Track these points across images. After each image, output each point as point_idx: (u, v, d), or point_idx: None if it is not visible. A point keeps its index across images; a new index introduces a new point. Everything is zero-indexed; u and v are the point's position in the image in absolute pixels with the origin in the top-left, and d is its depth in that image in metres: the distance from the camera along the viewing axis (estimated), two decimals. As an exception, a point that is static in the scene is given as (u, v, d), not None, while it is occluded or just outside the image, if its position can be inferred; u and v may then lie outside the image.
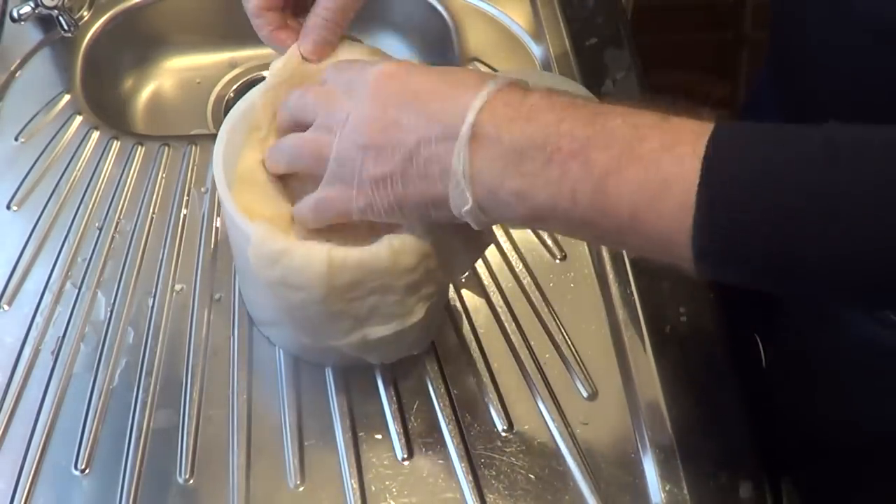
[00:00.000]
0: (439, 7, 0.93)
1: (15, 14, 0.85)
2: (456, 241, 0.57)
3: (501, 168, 0.47)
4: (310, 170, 0.56)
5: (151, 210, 0.76)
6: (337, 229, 0.58)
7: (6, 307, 0.70)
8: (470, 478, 0.61)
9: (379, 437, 0.63)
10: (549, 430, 0.64)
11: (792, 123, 0.43)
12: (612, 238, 0.48)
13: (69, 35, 0.89)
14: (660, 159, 0.43)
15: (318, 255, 0.53)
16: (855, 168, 0.40)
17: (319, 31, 0.60)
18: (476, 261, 0.68)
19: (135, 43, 0.97)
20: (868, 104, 0.56)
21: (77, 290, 0.71)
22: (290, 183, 0.61)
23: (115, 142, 0.81)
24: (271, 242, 0.54)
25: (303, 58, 0.61)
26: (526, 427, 0.64)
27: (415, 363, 0.66)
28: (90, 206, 0.76)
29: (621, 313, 0.69)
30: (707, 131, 0.43)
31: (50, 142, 0.81)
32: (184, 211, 0.76)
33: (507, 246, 0.73)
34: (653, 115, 0.45)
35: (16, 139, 0.81)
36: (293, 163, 0.58)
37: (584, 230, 0.48)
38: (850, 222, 0.40)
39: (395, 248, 0.53)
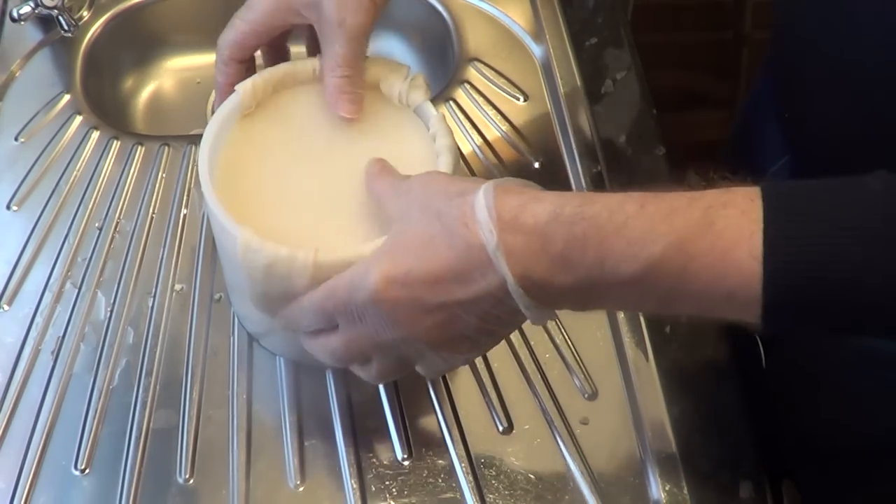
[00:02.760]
0: (439, 7, 0.93)
1: (15, 14, 0.85)
2: None
3: (563, 296, 0.47)
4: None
5: (151, 210, 0.76)
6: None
7: (6, 307, 0.70)
8: (470, 478, 0.61)
9: (379, 437, 0.63)
10: (549, 430, 0.64)
11: (844, 184, 0.43)
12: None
13: (69, 35, 0.89)
14: (717, 278, 0.43)
15: (304, 251, 0.54)
16: None
17: (349, 90, 0.60)
18: None
19: (135, 43, 0.97)
20: (866, 116, 0.56)
21: (77, 290, 0.71)
22: (276, 183, 0.61)
23: (115, 142, 0.81)
24: (258, 242, 0.54)
25: (344, 117, 0.61)
26: (526, 427, 0.64)
27: (415, 363, 0.66)
28: (90, 206, 0.76)
29: (621, 313, 0.69)
30: (756, 226, 0.42)
31: (50, 142, 0.81)
32: (184, 211, 0.76)
33: (507, 246, 0.73)
34: (695, 222, 0.43)
35: (16, 139, 0.81)
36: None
37: None
38: None
39: None
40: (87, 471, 0.62)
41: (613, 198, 0.45)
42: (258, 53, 0.66)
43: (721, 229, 0.43)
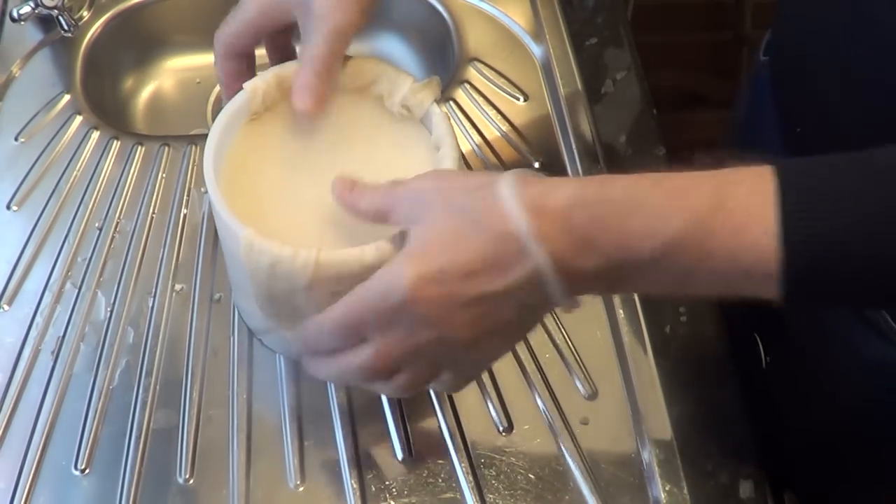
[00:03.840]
0: (439, 7, 0.93)
1: (15, 14, 0.85)
2: None
3: (591, 279, 0.47)
4: None
5: (151, 210, 0.76)
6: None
7: (6, 307, 0.70)
8: (470, 478, 0.61)
9: (379, 437, 0.63)
10: (549, 430, 0.64)
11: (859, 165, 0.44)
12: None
13: (69, 35, 0.89)
14: (733, 254, 0.44)
15: (307, 250, 0.54)
16: None
17: (314, 86, 0.59)
18: None
19: (135, 43, 0.97)
20: (871, 111, 0.56)
21: (77, 290, 0.71)
22: (282, 179, 0.61)
23: (115, 142, 0.81)
24: (261, 241, 0.54)
25: (301, 111, 0.60)
26: (526, 427, 0.64)
27: (415, 363, 0.66)
28: (90, 206, 0.76)
29: (621, 313, 0.69)
30: (769, 203, 0.43)
31: (50, 142, 0.81)
32: (184, 211, 0.76)
33: (507, 246, 0.73)
34: (707, 198, 0.44)
35: (16, 139, 0.81)
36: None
37: None
38: None
39: (382, 251, 0.54)
40: (87, 471, 0.62)
41: (629, 178, 0.46)
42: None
43: (733, 208, 0.44)
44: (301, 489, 0.61)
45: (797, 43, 0.64)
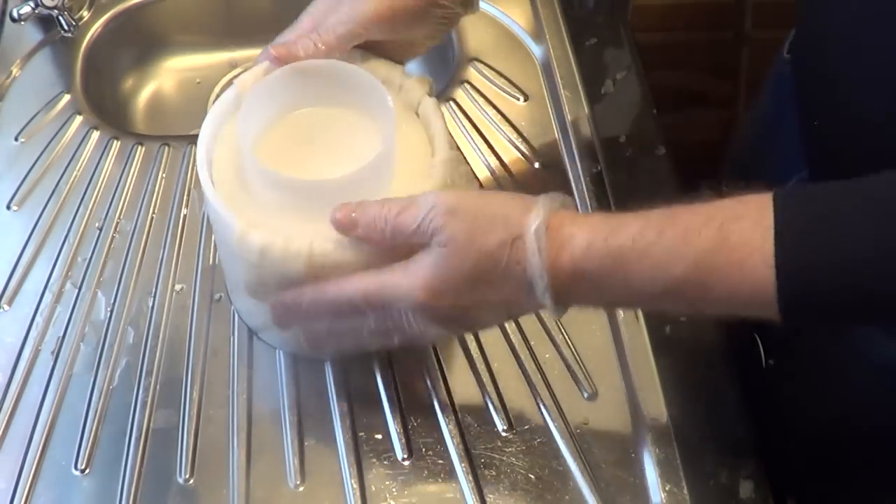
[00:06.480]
0: (439, 7, 0.93)
1: (15, 14, 0.85)
2: None
3: (590, 306, 0.57)
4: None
5: (151, 210, 0.76)
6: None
7: (6, 307, 0.70)
8: (470, 478, 0.61)
9: (379, 437, 0.63)
10: (549, 430, 0.64)
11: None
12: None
13: (69, 35, 0.89)
14: (734, 288, 0.47)
15: (300, 241, 0.54)
16: None
17: (305, 49, 0.61)
18: None
19: (135, 43, 0.97)
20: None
21: (77, 290, 0.71)
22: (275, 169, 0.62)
23: (115, 142, 0.81)
24: (254, 230, 0.55)
25: (273, 56, 0.62)
26: (526, 427, 0.64)
27: (415, 363, 0.66)
28: (90, 206, 0.76)
29: (621, 313, 0.69)
30: (768, 234, 0.46)
31: (50, 142, 0.81)
32: (184, 211, 0.76)
33: (507, 246, 0.73)
34: (711, 239, 0.47)
35: (16, 139, 0.81)
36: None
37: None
38: None
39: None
40: (87, 471, 0.62)
41: (635, 225, 0.49)
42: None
43: (735, 243, 0.46)
44: (301, 489, 0.61)
45: (821, 40, 0.64)
